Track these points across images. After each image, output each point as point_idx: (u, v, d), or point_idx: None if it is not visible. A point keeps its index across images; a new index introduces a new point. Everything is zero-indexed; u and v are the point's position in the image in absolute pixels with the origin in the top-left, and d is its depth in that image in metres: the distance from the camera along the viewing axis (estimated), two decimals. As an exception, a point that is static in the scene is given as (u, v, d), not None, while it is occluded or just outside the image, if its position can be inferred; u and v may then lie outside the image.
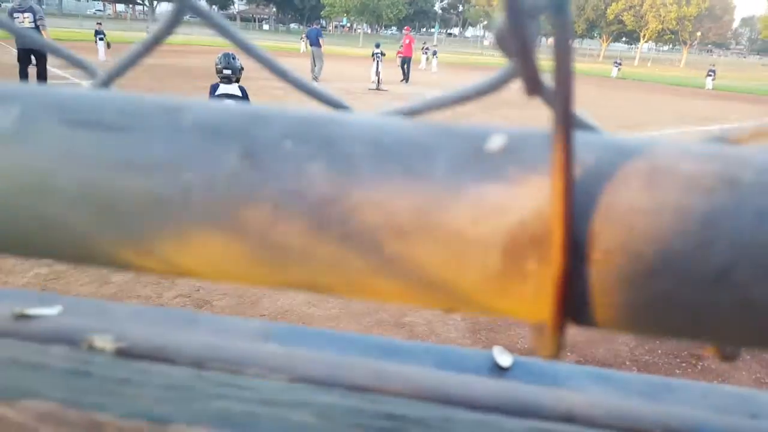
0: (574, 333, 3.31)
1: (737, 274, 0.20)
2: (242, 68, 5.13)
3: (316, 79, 16.36)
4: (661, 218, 0.21)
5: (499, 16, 0.21)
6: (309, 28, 18.48)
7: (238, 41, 0.28)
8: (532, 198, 0.22)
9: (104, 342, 0.33)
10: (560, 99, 0.22)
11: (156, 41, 0.28)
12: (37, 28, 9.61)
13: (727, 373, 2.98)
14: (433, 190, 0.22)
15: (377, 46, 17.22)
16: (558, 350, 0.23)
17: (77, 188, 0.23)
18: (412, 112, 0.27)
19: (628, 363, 3.01)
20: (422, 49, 26.58)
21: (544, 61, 0.22)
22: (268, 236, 0.23)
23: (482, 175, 0.22)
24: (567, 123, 0.22)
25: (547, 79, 0.23)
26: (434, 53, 25.34)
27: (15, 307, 0.37)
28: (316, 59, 16.70)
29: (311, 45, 16.96)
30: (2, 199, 0.23)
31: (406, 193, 0.22)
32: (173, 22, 0.27)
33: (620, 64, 33.57)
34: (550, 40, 0.21)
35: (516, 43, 0.21)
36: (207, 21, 0.28)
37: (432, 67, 24.50)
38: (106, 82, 0.29)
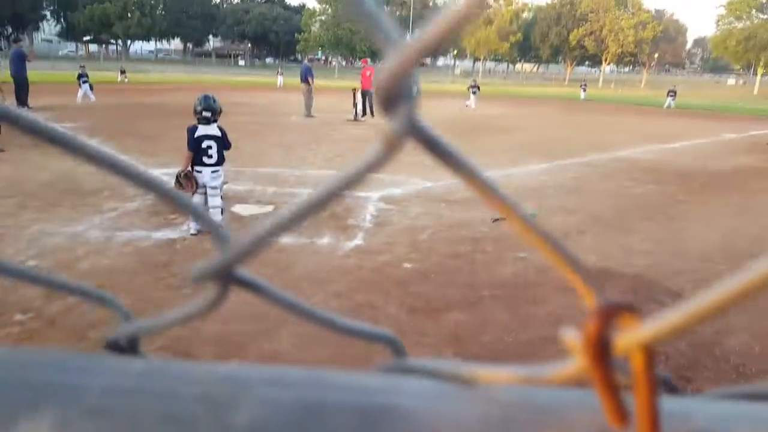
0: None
1: None
2: (221, 110, 5.20)
3: (307, 115, 16.39)
4: None
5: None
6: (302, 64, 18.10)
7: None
8: None
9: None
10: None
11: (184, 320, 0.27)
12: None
13: (716, 394, 3.02)
14: None
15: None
16: None
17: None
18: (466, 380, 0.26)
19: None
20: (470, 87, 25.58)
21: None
22: None
23: None
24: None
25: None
26: (473, 90, 23.63)
27: None
28: (304, 97, 16.66)
29: (301, 81, 16.86)
30: None
31: None
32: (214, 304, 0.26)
33: (586, 86, 34.91)
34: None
35: (599, 375, 0.21)
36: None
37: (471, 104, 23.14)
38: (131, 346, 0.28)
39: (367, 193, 7.14)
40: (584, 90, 34.21)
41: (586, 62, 76.07)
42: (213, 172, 5.12)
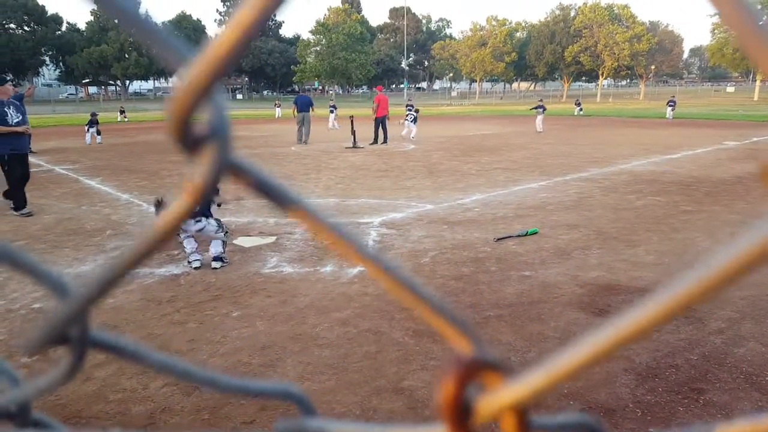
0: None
1: None
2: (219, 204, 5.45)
3: (305, 142, 17.44)
4: None
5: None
6: (299, 95, 18.73)
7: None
8: None
9: None
10: None
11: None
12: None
13: (730, 405, 2.95)
14: None
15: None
16: None
17: None
18: None
19: (631, 405, 2.96)
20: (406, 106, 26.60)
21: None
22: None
23: None
24: None
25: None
26: (409, 109, 25.57)
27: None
28: (306, 125, 17.58)
29: (302, 111, 17.58)
30: None
31: None
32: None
33: (580, 103, 34.71)
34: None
35: None
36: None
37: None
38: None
39: (369, 218, 7.15)
40: (579, 107, 33.82)
41: (583, 77, 76.64)
42: (196, 221, 5.08)
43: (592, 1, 64.95)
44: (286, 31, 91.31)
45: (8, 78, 7.25)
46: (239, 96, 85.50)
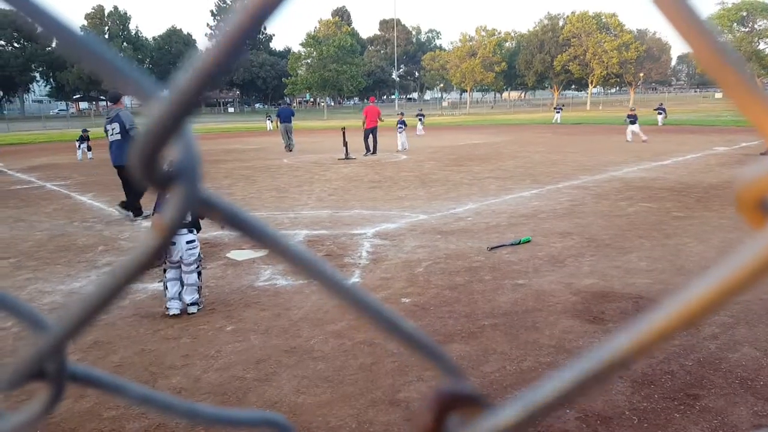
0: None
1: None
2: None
3: (291, 149, 19.16)
4: None
5: None
6: (281, 107, 21.01)
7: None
8: None
9: None
10: None
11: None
12: (125, 139, 8.13)
13: (726, 410, 2.95)
14: None
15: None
16: None
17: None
18: None
19: (627, 413, 2.96)
20: (416, 115, 27.36)
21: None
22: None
23: None
24: None
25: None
26: (419, 118, 26.80)
27: None
28: (289, 135, 19.49)
29: (282, 122, 19.57)
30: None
31: None
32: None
33: (561, 109, 36.22)
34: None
35: None
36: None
37: (417, 130, 25.52)
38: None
39: (362, 229, 7.15)
40: (559, 112, 35.51)
41: (573, 86, 77.27)
42: (188, 243, 4.40)
43: (580, 11, 65.66)
44: (276, 44, 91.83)
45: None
46: (231, 109, 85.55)
